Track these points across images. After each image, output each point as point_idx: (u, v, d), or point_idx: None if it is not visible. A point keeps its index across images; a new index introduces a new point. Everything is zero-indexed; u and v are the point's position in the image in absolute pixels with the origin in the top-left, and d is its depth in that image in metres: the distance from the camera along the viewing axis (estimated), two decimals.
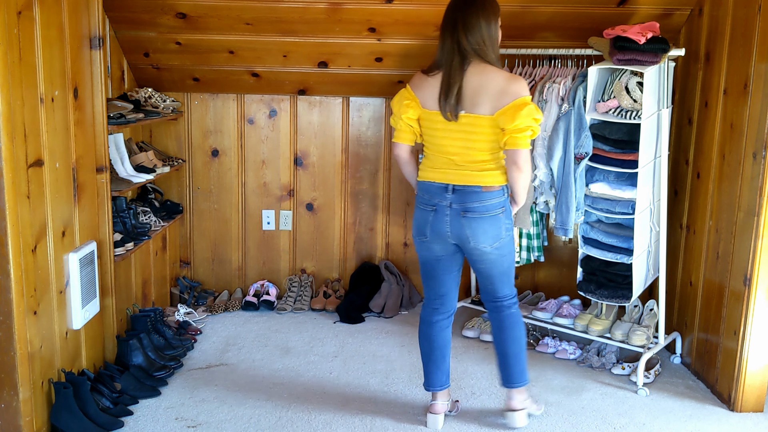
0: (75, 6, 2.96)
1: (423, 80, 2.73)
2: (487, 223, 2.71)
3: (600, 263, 3.53)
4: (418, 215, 2.82)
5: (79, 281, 2.94)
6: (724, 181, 3.22)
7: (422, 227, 2.81)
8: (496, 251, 2.76)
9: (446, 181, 2.74)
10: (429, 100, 2.70)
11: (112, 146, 3.46)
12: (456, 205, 2.72)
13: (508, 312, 2.90)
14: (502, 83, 2.61)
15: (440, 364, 2.94)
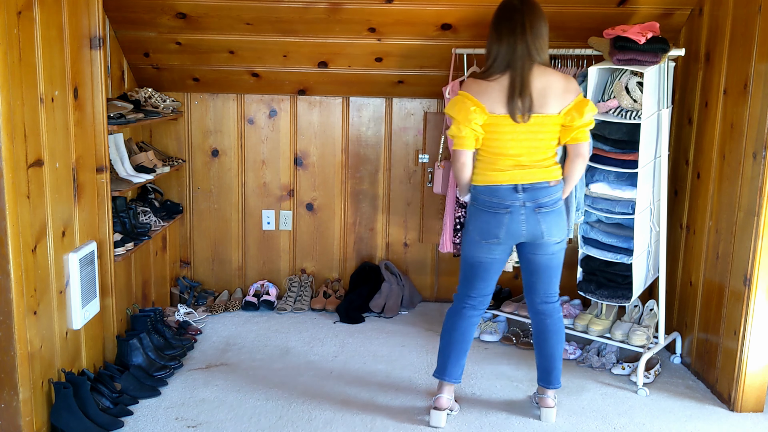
0: (75, 6, 2.96)
1: (484, 85, 2.75)
2: (558, 216, 2.84)
3: (600, 263, 3.53)
4: (488, 218, 2.82)
5: (79, 281, 2.94)
6: (724, 181, 3.22)
7: (494, 230, 2.81)
8: (562, 243, 2.89)
9: (514, 182, 2.78)
10: (495, 105, 2.73)
11: (112, 146, 3.46)
12: (529, 202, 2.78)
13: (558, 315, 2.98)
14: (563, 83, 2.75)
15: (461, 357, 2.98)
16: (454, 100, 2.79)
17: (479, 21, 3.61)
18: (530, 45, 2.70)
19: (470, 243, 2.91)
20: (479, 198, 2.84)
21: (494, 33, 2.75)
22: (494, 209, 2.80)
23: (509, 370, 3.51)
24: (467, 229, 2.92)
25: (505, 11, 2.76)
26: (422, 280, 4.51)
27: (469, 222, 2.90)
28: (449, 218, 3.83)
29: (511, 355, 3.69)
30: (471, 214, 2.89)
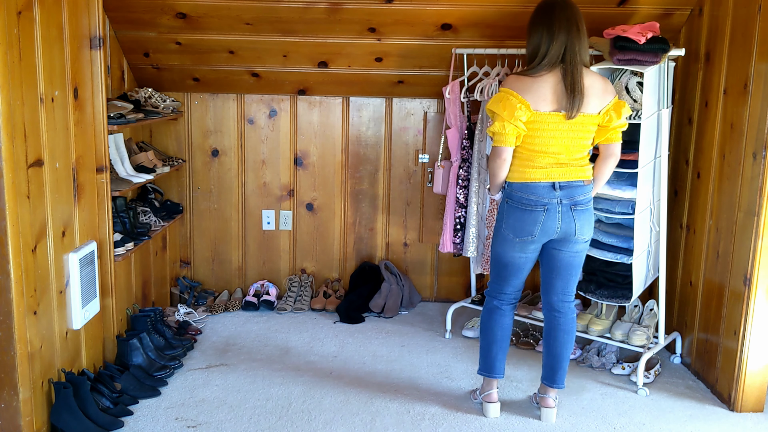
0: (75, 6, 2.96)
1: (529, 82, 2.75)
2: (591, 215, 2.89)
3: (600, 263, 3.53)
4: (524, 216, 2.82)
5: (79, 281, 2.94)
6: (724, 181, 3.22)
7: (530, 227, 2.82)
8: (588, 243, 2.94)
9: (552, 179, 2.80)
10: (540, 102, 2.74)
11: (112, 146, 3.46)
12: (566, 200, 2.81)
13: (573, 315, 3.01)
14: (603, 83, 2.80)
15: (505, 352, 3.05)
16: (498, 96, 2.77)
17: (479, 21, 3.61)
18: (577, 45, 2.73)
19: (503, 241, 2.91)
20: (514, 195, 2.84)
21: (545, 30, 2.74)
22: (531, 207, 2.81)
23: (509, 370, 3.50)
24: (499, 227, 2.91)
25: (556, 10, 2.76)
26: (422, 280, 4.51)
27: (502, 220, 2.90)
28: (449, 218, 3.83)
29: (511, 355, 3.69)
30: (505, 212, 2.88)
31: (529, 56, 2.81)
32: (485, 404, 3.06)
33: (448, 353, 3.70)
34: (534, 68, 2.76)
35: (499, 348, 3.02)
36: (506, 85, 2.78)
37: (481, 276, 4.38)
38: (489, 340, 3.02)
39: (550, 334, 3.01)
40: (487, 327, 3.03)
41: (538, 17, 2.80)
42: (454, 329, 3.97)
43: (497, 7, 3.52)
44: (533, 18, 2.82)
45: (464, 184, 3.77)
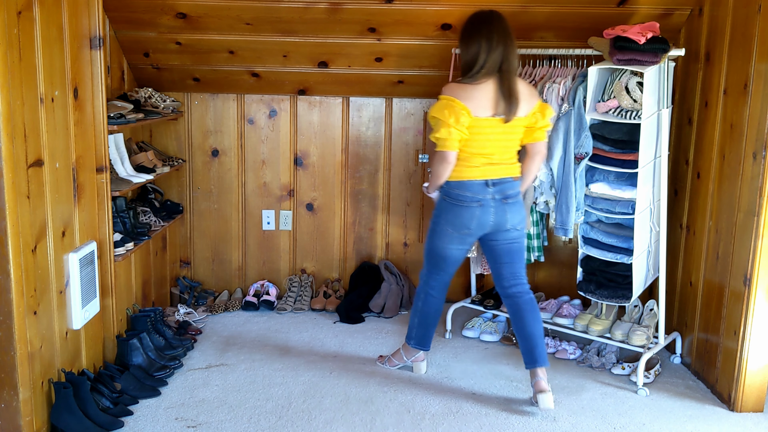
0: (75, 6, 2.96)
1: (469, 90, 2.97)
2: (521, 206, 3.15)
3: (600, 263, 3.53)
4: (461, 212, 3.08)
5: (79, 281, 2.94)
6: (724, 181, 3.22)
7: (467, 222, 3.09)
8: (522, 230, 3.18)
9: (485, 177, 3.06)
10: (479, 109, 2.96)
11: (112, 146, 3.46)
12: (498, 195, 3.07)
13: (530, 295, 3.20)
14: (528, 88, 3.07)
15: (435, 328, 3.41)
16: (441, 104, 2.96)
17: None
18: (514, 54, 2.99)
19: (442, 235, 3.16)
20: (452, 193, 3.09)
21: (484, 41, 2.95)
22: (467, 203, 3.06)
23: (509, 370, 3.51)
24: (437, 223, 3.16)
25: (494, 22, 2.99)
26: None
27: (440, 216, 3.14)
28: None
29: (511, 355, 3.69)
30: (443, 208, 3.13)
31: (467, 64, 3.01)
32: (417, 364, 3.44)
33: (448, 353, 3.70)
34: (473, 76, 2.97)
35: (432, 326, 3.37)
36: (448, 92, 2.98)
37: (480, 276, 4.38)
38: (427, 322, 3.35)
39: (516, 317, 3.19)
40: (425, 310, 3.34)
41: (476, 28, 3.00)
42: (454, 329, 3.97)
43: (497, 8, 3.49)
44: (471, 28, 3.01)
45: None
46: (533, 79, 3.59)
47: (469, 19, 3.05)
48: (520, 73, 3.65)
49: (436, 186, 3.14)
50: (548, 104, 3.10)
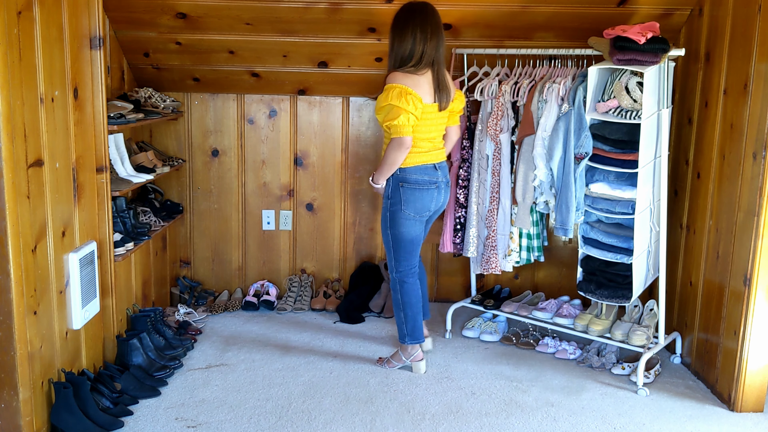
0: (75, 6, 2.96)
1: (416, 79, 3.14)
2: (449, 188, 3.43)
3: (600, 263, 3.53)
4: (423, 195, 3.27)
5: (79, 281, 2.94)
6: (724, 181, 3.22)
7: (428, 204, 3.29)
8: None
9: (433, 161, 3.29)
10: (426, 95, 3.17)
11: (112, 146, 3.46)
12: (443, 177, 3.33)
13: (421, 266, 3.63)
14: (449, 76, 3.33)
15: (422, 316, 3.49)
16: (396, 92, 3.08)
17: (479, 21, 3.61)
18: (444, 46, 3.19)
19: (405, 221, 3.29)
20: (410, 178, 3.24)
21: (419, 32, 3.12)
22: (426, 186, 3.26)
23: (509, 370, 3.51)
24: (398, 210, 3.28)
25: (427, 14, 3.15)
26: None
27: (399, 203, 3.26)
28: (449, 218, 3.84)
29: (511, 355, 3.69)
30: (402, 195, 3.25)
31: (406, 54, 3.14)
32: (417, 364, 3.46)
33: (448, 353, 3.70)
34: (416, 66, 3.13)
35: (419, 314, 3.44)
36: (397, 81, 3.11)
37: (481, 276, 4.38)
38: (414, 312, 3.41)
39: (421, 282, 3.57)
40: (407, 301, 3.39)
41: (410, 19, 3.14)
42: (454, 329, 3.97)
43: (497, 7, 3.52)
44: (404, 19, 3.15)
45: (464, 184, 3.77)
46: (533, 79, 3.59)
47: (402, 10, 3.18)
48: (520, 73, 3.67)
49: (388, 174, 3.24)
50: (461, 91, 3.40)
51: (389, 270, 3.43)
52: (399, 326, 3.44)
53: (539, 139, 3.42)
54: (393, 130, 3.12)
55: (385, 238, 3.37)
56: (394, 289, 3.40)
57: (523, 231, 3.79)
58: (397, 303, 3.41)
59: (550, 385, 3.35)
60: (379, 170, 3.25)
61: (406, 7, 3.18)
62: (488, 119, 3.61)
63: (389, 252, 3.38)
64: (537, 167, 3.46)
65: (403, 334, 3.43)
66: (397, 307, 3.42)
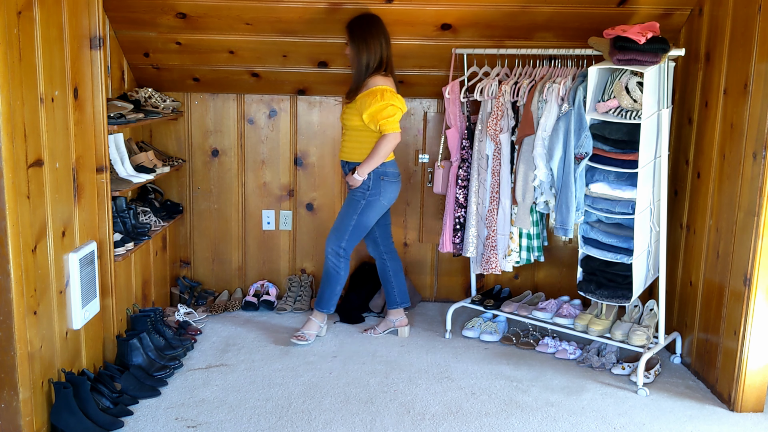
0: (75, 6, 2.96)
1: (392, 83, 3.55)
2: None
3: (600, 263, 3.53)
4: (397, 187, 3.71)
5: (79, 281, 2.94)
6: (724, 180, 3.22)
7: (396, 195, 3.73)
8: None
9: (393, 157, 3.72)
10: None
11: (112, 146, 3.46)
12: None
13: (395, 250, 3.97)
14: None
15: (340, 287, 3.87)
16: (390, 93, 3.48)
17: (479, 21, 3.61)
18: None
19: (377, 210, 3.67)
20: (390, 172, 3.64)
21: (383, 39, 3.50)
22: (397, 179, 3.70)
23: (509, 370, 3.51)
24: (375, 201, 3.63)
25: (382, 24, 3.52)
26: (422, 280, 4.51)
27: (379, 194, 3.62)
28: (449, 218, 3.84)
29: (511, 355, 3.69)
30: (382, 187, 3.62)
31: (377, 60, 3.50)
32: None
33: (448, 353, 3.70)
34: (386, 70, 3.53)
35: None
36: (383, 83, 3.49)
37: (481, 276, 4.38)
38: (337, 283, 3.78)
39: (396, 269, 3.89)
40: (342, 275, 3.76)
41: (373, 29, 3.49)
42: (453, 329, 3.97)
43: (497, 7, 3.52)
44: (368, 30, 3.49)
45: (464, 184, 3.77)
46: (533, 79, 3.59)
47: (362, 22, 3.50)
48: (520, 73, 3.67)
49: (374, 167, 3.55)
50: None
51: (333, 250, 3.70)
52: (329, 297, 3.77)
53: (539, 139, 3.42)
54: (389, 126, 3.47)
55: (346, 221, 3.66)
56: (337, 266, 3.72)
57: (523, 231, 3.79)
58: (338, 278, 3.75)
59: (550, 385, 3.35)
60: (369, 164, 3.54)
61: (364, 18, 3.51)
62: (488, 119, 3.61)
63: (343, 234, 3.67)
64: (537, 167, 3.46)
65: (331, 304, 3.79)
66: (335, 281, 3.75)
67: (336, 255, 3.71)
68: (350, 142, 3.64)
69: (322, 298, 3.80)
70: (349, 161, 3.67)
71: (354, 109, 3.57)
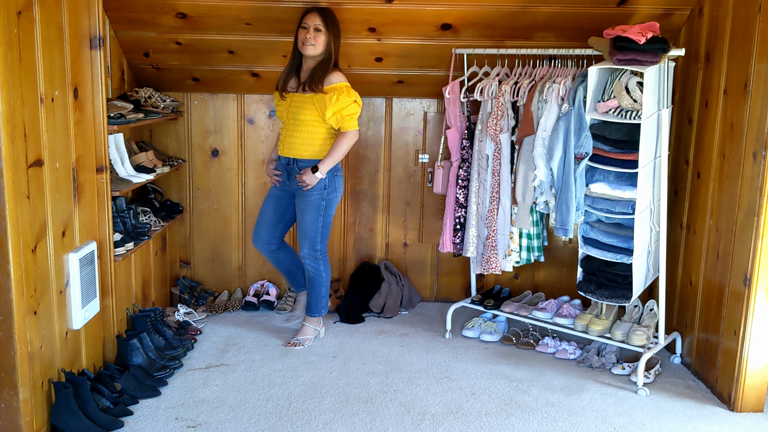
0: (75, 6, 2.96)
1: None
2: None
3: (600, 263, 3.53)
4: (342, 181, 3.66)
5: (79, 281, 2.94)
6: (724, 180, 3.22)
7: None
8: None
9: None
10: None
11: (112, 146, 3.46)
12: None
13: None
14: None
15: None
16: (350, 89, 3.46)
17: (479, 21, 3.61)
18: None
19: (335, 204, 3.65)
20: (339, 167, 3.61)
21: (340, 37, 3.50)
22: (341, 173, 3.68)
23: (509, 370, 3.51)
24: (334, 197, 3.61)
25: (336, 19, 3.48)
26: (422, 280, 4.51)
27: (336, 190, 3.61)
28: (449, 218, 3.83)
29: (511, 355, 3.69)
30: (336, 182, 3.59)
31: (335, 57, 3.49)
32: (322, 330, 3.85)
33: (448, 353, 3.70)
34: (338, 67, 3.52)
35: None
36: (345, 80, 3.48)
37: (481, 276, 4.38)
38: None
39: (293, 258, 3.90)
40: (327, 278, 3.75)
41: (338, 24, 3.48)
42: (453, 329, 3.97)
43: (497, 7, 3.52)
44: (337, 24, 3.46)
45: (464, 184, 3.77)
46: (533, 79, 3.59)
47: (334, 14, 3.47)
48: (520, 73, 3.67)
49: (332, 165, 3.51)
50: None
51: (309, 255, 3.66)
52: (317, 301, 3.75)
53: (539, 139, 3.42)
54: (352, 123, 3.47)
55: (313, 227, 3.60)
56: (318, 268, 3.69)
57: (523, 231, 3.79)
58: (321, 281, 3.71)
59: (550, 385, 3.35)
60: (330, 162, 3.49)
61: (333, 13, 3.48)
62: (488, 119, 3.61)
63: (315, 238, 3.62)
64: (537, 167, 3.46)
65: (321, 307, 3.77)
66: (319, 284, 3.72)
67: (314, 259, 3.67)
68: (301, 137, 3.51)
69: (310, 303, 3.77)
70: (299, 158, 3.53)
71: (311, 102, 3.44)
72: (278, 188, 3.69)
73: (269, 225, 3.74)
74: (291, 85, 3.56)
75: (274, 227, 3.76)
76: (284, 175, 3.63)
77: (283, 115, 3.59)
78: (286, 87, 3.57)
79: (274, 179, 3.68)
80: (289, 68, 3.57)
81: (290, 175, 3.59)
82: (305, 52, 3.45)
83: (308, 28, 3.41)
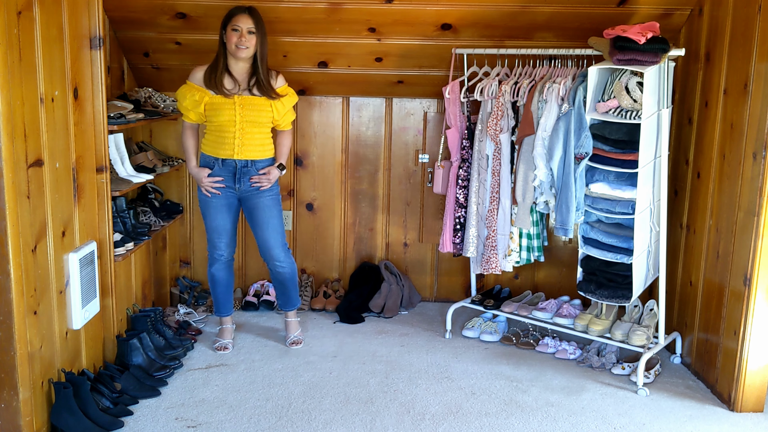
0: (75, 6, 2.96)
1: None
2: None
3: (600, 263, 3.53)
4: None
5: (79, 281, 2.94)
6: (724, 180, 3.22)
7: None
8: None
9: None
10: None
11: (112, 146, 3.46)
12: None
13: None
14: None
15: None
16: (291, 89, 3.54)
17: (479, 21, 3.61)
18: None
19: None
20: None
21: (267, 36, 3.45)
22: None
23: (509, 370, 3.51)
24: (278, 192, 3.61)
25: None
26: (422, 280, 4.51)
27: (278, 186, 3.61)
28: (449, 218, 3.83)
29: (511, 355, 3.69)
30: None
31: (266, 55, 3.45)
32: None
33: (448, 353, 3.70)
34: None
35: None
36: (284, 79, 3.55)
37: (481, 276, 4.38)
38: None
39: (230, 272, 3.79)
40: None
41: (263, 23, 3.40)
42: (453, 329, 3.97)
43: (497, 7, 3.52)
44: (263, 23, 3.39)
45: (464, 184, 3.77)
46: (533, 79, 3.59)
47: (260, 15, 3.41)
48: (520, 73, 3.68)
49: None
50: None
51: (285, 254, 3.62)
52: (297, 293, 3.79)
53: (539, 139, 3.42)
54: (290, 121, 3.58)
55: (281, 222, 3.60)
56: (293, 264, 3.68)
57: (523, 231, 3.79)
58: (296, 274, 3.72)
59: (550, 385, 3.35)
60: (286, 156, 3.59)
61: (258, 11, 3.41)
62: (488, 119, 3.61)
63: (284, 234, 3.63)
64: (537, 167, 3.46)
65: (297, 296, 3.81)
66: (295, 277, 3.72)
67: (289, 256, 3.65)
68: (258, 138, 3.44)
69: (291, 298, 3.75)
70: (258, 159, 3.45)
71: (267, 105, 3.40)
72: (221, 197, 3.49)
73: (231, 238, 3.64)
74: (228, 86, 3.39)
75: (232, 240, 3.66)
76: (229, 180, 3.45)
77: (230, 117, 3.38)
78: (222, 88, 3.38)
79: (213, 188, 3.47)
80: (219, 68, 3.38)
81: (241, 178, 3.45)
82: (239, 56, 3.33)
83: (240, 31, 3.30)
